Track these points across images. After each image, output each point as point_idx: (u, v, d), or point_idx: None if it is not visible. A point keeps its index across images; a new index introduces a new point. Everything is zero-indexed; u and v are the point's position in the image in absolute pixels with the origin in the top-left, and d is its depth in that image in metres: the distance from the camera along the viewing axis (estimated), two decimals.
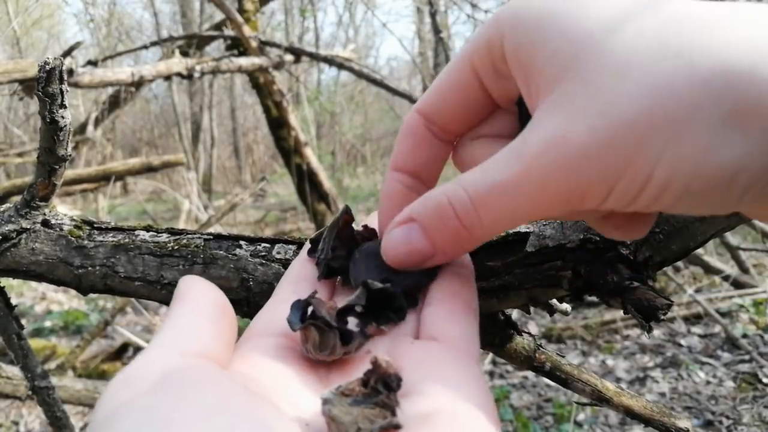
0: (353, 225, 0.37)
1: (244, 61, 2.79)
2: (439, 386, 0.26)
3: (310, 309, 0.30)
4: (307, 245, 0.38)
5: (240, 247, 0.49)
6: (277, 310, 0.32)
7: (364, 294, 0.31)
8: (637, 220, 0.32)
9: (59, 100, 0.48)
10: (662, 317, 0.40)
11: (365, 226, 0.37)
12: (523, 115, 0.32)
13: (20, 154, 3.62)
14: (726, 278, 2.95)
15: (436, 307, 0.32)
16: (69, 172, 2.68)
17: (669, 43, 0.24)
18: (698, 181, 0.24)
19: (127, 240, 0.51)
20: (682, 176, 0.24)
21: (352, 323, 0.31)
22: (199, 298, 0.28)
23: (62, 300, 3.86)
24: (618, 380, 2.51)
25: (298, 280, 0.36)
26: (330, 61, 2.99)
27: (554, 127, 0.25)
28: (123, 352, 2.92)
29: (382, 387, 0.24)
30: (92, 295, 1.55)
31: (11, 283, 2.58)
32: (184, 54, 2.71)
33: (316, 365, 0.29)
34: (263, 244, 0.49)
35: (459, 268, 0.35)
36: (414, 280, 0.33)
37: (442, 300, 0.33)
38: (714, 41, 0.23)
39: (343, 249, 0.36)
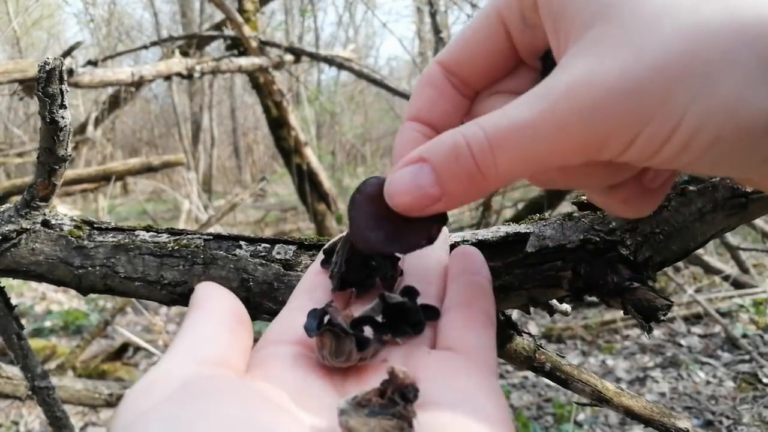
0: None
1: (244, 61, 2.79)
2: (456, 398, 0.26)
3: (326, 318, 0.30)
4: (321, 256, 0.38)
5: (240, 247, 0.49)
6: (292, 317, 0.32)
7: (381, 306, 0.31)
8: (647, 194, 0.31)
9: (59, 100, 0.48)
10: (662, 318, 0.40)
11: None
12: (546, 70, 0.31)
13: (20, 154, 3.62)
14: (726, 278, 2.95)
15: (453, 316, 0.32)
16: (69, 172, 2.68)
17: None
18: (731, 129, 0.23)
19: (127, 240, 0.51)
20: (715, 123, 0.23)
21: (368, 332, 0.30)
22: (217, 306, 0.28)
23: (62, 300, 3.86)
24: (618, 380, 2.51)
25: (313, 288, 0.36)
26: (330, 61, 2.99)
27: (582, 68, 0.24)
28: (123, 352, 2.92)
29: (399, 398, 0.24)
30: (92, 295, 1.55)
31: (11, 283, 2.58)
32: (184, 54, 2.71)
33: (331, 373, 0.29)
34: (263, 245, 0.49)
35: (476, 276, 0.35)
36: (414, 240, 0.32)
37: (459, 309, 0.32)
38: None
39: (357, 261, 0.36)
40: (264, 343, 0.31)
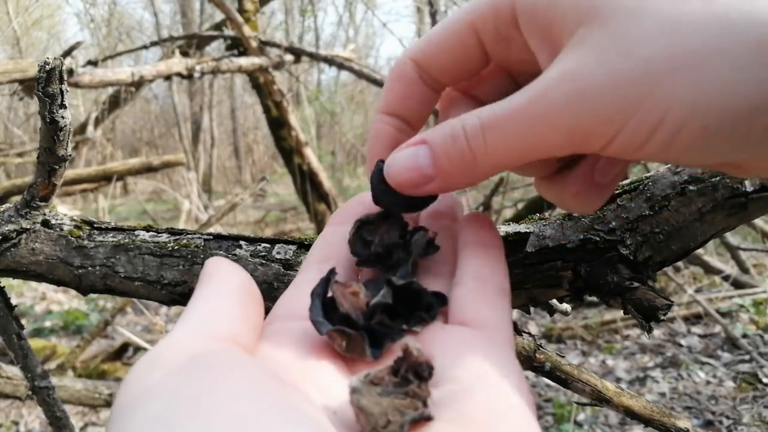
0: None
1: (244, 61, 2.79)
2: (472, 375, 0.25)
3: (329, 293, 0.29)
4: (332, 229, 0.37)
5: (240, 247, 0.49)
6: (300, 292, 0.31)
7: (390, 292, 0.29)
8: (597, 189, 0.33)
9: (59, 100, 0.48)
10: (662, 317, 0.40)
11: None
12: None
13: (20, 154, 3.62)
14: (726, 278, 2.95)
15: (466, 290, 0.31)
16: (69, 172, 2.68)
17: None
18: (719, 117, 0.23)
19: (127, 240, 0.51)
20: (704, 111, 0.23)
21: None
22: (226, 280, 0.28)
23: (62, 300, 3.86)
24: (618, 380, 2.51)
25: (324, 260, 0.34)
26: (330, 61, 2.99)
27: (570, 62, 0.26)
28: (123, 352, 2.92)
29: (413, 376, 0.23)
30: (92, 295, 1.55)
31: (11, 283, 2.58)
32: (184, 54, 2.71)
33: None
34: (263, 244, 0.49)
35: (489, 248, 0.34)
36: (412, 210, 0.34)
37: (472, 282, 0.31)
38: None
39: (384, 226, 0.35)
40: (272, 318, 0.30)
